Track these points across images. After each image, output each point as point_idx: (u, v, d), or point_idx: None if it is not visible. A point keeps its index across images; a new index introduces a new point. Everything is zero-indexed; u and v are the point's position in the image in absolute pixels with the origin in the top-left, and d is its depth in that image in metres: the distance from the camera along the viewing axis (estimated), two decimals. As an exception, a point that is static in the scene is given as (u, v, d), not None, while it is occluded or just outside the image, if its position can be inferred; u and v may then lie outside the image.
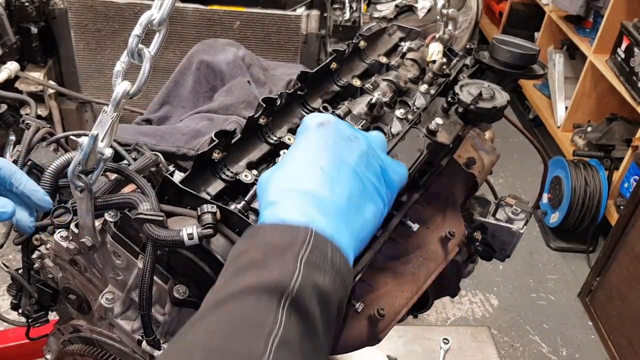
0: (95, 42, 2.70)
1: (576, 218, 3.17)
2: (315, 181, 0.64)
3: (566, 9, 3.77)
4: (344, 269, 0.60)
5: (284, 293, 0.54)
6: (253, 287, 0.55)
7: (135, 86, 0.73)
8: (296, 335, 0.53)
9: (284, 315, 0.53)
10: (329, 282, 0.57)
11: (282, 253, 0.57)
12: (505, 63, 1.20)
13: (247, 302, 0.54)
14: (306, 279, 0.55)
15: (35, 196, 0.82)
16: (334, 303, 0.58)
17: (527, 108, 4.38)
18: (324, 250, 0.58)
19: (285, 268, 0.56)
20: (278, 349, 0.51)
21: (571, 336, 2.79)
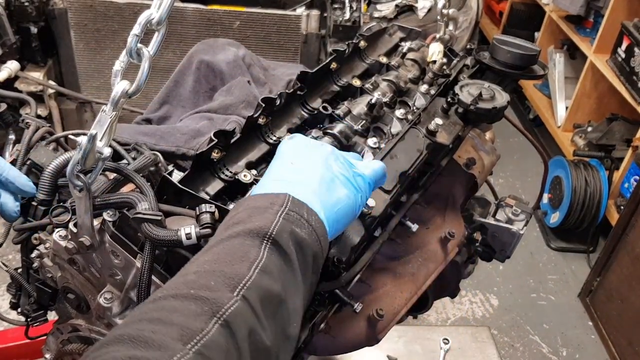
0: (95, 42, 2.70)
1: (576, 218, 3.17)
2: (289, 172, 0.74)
3: (566, 8, 3.76)
4: (318, 228, 0.68)
5: (265, 235, 0.64)
6: (239, 232, 0.65)
7: (134, 86, 0.73)
8: (276, 267, 0.62)
9: (266, 251, 0.63)
10: (305, 234, 0.66)
11: (263, 212, 0.67)
12: (506, 63, 1.20)
13: (235, 242, 0.64)
14: (284, 227, 0.65)
15: (18, 182, 0.86)
16: (309, 251, 0.66)
17: (527, 108, 4.38)
18: (300, 211, 0.68)
19: (266, 220, 0.65)
20: (260, 273, 0.60)
21: (571, 336, 2.79)
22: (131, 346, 0.51)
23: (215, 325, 0.54)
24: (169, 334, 0.52)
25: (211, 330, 0.54)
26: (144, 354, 0.50)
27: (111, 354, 0.51)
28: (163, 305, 0.57)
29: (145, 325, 0.54)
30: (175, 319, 0.54)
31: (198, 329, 0.53)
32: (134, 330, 0.53)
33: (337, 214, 0.72)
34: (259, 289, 0.59)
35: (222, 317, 0.55)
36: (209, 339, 0.53)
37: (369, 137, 1.04)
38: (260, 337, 0.57)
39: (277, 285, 0.61)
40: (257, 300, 0.58)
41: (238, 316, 0.56)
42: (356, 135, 1.02)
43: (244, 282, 0.59)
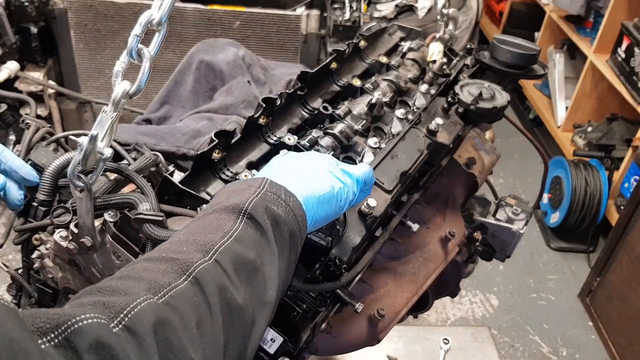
0: (95, 42, 2.69)
1: (576, 218, 3.17)
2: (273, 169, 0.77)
3: (566, 8, 3.76)
4: (296, 208, 0.70)
5: (241, 210, 0.65)
6: (215, 209, 0.67)
7: (135, 86, 0.73)
8: (250, 237, 0.64)
9: (242, 224, 0.64)
10: (281, 212, 0.68)
11: (240, 193, 0.69)
12: (506, 63, 1.20)
13: (211, 217, 0.66)
14: (259, 204, 0.67)
15: (22, 171, 0.88)
16: (285, 227, 0.68)
17: (527, 108, 4.38)
18: (277, 192, 0.69)
19: (242, 198, 0.67)
20: (233, 241, 0.62)
21: (571, 336, 2.79)
22: (99, 294, 0.53)
23: (185, 281, 0.56)
24: (137, 286, 0.54)
25: (179, 285, 0.55)
26: (110, 298, 0.51)
27: (79, 300, 0.52)
28: (135, 267, 0.59)
29: (115, 281, 0.55)
30: (145, 275, 0.56)
31: (166, 283, 0.55)
32: (103, 284, 0.55)
33: (317, 199, 0.74)
34: (231, 254, 0.61)
35: (192, 274, 0.57)
36: (176, 290, 0.54)
37: (369, 137, 1.04)
38: (231, 294, 0.58)
39: (251, 253, 0.62)
40: (230, 264, 0.60)
41: (207, 273, 0.57)
42: (356, 135, 1.02)
43: (216, 247, 0.60)
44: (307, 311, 0.82)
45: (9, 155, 0.88)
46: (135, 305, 0.51)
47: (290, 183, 0.72)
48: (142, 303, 0.51)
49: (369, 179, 0.83)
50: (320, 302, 0.83)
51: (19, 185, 0.90)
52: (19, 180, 0.89)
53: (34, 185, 0.90)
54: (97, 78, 2.79)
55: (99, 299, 0.51)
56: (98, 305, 0.50)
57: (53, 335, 0.46)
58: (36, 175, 0.90)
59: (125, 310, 0.50)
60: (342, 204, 0.77)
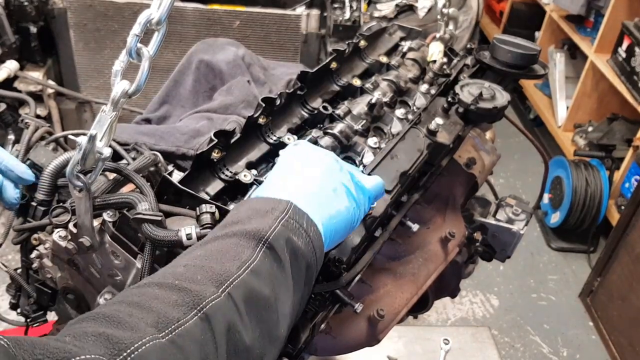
0: (94, 42, 2.69)
1: (577, 218, 3.17)
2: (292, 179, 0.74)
3: (567, 8, 3.76)
4: (316, 240, 0.68)
5: (262, 239, 0.63)
6: (235, 232, 0.64)
7: (134, 85, 0.73)
8: (267, 270, 0.62)
9: (260, 253, 0.62)
10: (301, 244, 0.66)
11: (263, 215, 0.66)
12: (506, 63, 1.20)
13: (230, 241, 0.64)
14: (281, 233, 0.65)
15: (18, 169, 0.88)
16: (303, 261, 0.66)
17: (527, 108, 4.37)
18: (300, 221, 0.67)
19: (265, 224, 0.65)
20: (249, 274, 0.60)
21: (572, 336, 2.79)
22: (104, 324, 0.51)
23: (194, 317, 0.54)
24: (144, 319, 0.52)
25: (188, 321, 0.54)
26: (114, 332, 0.50)
27: (83, 328, 0.51)
28: (145, 291, 0.57)
29: (124, 308, 0.54)
30: (155, 306, 0.54)
31: (175, 318, 0.53)
32: (110, 311, 0.53)
33: (335, 225, 0.72)
34: (245, 289, 0.59)
35: (202, 310, 0.55)
36: (184, 328, 0.53)
37: (369, 137, 1.04)
38: (240, 335, 0.57)
39: (266, 288, 0.60)
40: (242, 299, 0.58)
41: (218, 310, 0.56)
42: (356, 135, 1.02)
43: (231, 280, 0.59)
44: (307, 311, 0.82)
45: (4, 155, 0.88)
46: (140, 345, 0.49)
47: (312, 208, 0.70)
48: (147, 343, 0.50)
49: (379, 193, 0.82)
50: (319, 302, 0.83)
51: (15, 185, 0.90)
52: (15, 179, 0.89)
53: (29, 184, 0.90)
54: (97, 78, 2.79)
55: (104, 330, 0.50)
56: (101, 338, 0.49)
57: None
58: (32, 174, 0.90)
59: (129, 348, 0.49)
60: (354, 225, 0.76)
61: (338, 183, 0.75)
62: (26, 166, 0.90)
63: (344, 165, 0.79)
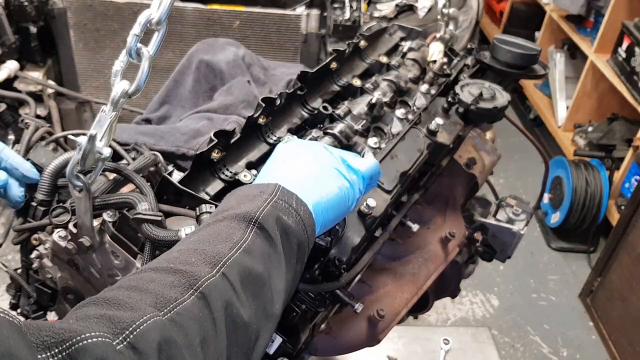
0: (94, 42, 2.69)
1: (577, 218, 3.16)
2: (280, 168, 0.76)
3: (567, 8, 3.76)
4: (306, 218, 0.69)
5: (251, 220, 0.65)
6: (225, 216, 0.66)
7: (134, 85, 0.73)
8: (259, 249, 0.63)
9: (251, 234, 0.64)
10: (291, 222, 0.67)
11: (252, 199, 0.68)
12: (506, 63, 1.20)
13: (221, 225, 0.65)
14: (270, 213, 0.66)
15: (22, 167, 0.89)
16: (294, 239, 0.67)
17: (527, 108, 4.37)
18: (289, 201, 0.69)
19: (254, 206, 0.66)
20: (242, 253, 0.61)
21: (572, 337, 2.78)
22: (105, 307, 0.52)
23: (191, 296, 0.55)
24: (143, 300, 0.53)
25: (186, 300, 0.55)
26: (115, 313, 0.51)
27: (85, 312, 0.52)
28: (142, 276, 0.58)
29: (122, 292, 0.55)
30: (152, 288, 0.55)
31: (173, 298, 0.54)
32: (110, 295, 0.54)
33: (327, 203, 0.73)
34: (239, 267, 0.60)
35: (199, 289, 0.56)
36: (182, 307, 0.54)
37: (369, 137, 1.04)
38: (237, 310, 0.58)
39: (259, 266, 0.62)
40: (237, 277, 0.59)
41: (214, 289, 0.57)
42: (356, 135, 1.02)
43: (225, 259, 0.60)
44: (307, 311, 0.82)
45: (9, 153, 0.89)
46: (142, 322, 0.50)
47: (300, 189, 0.71)
48: (148, 321, 0.51)
49: (374, 174, 0.83)
50: (319, 302, 0.83)
51: (19, 183, 0.90)
52: (20, 177, 0.90)
53: (34, 182, 0.91)
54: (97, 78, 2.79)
55: (105, 312, 0.51)
56: (104, 319, 0.50)
57: (57, 350, 0.45)
58: (36, 172, 0.91)
59: (131, 327, 0.50)
60: (350, 204, 0.77)
61: (328, 166, 0.76)
62: (31, 164, 0.91)
63: (333, 151, 0.80)
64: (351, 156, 0.82)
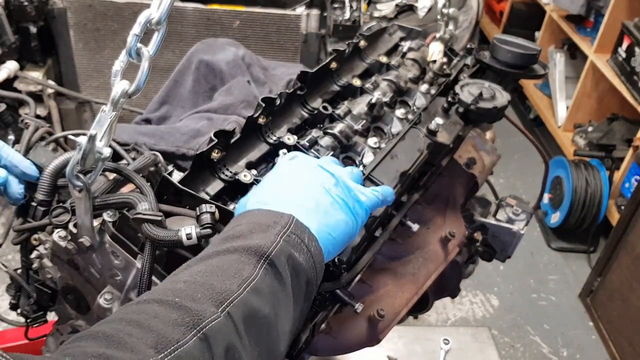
0: (94, 42, 2.69)
1: (577, 218, 3.17)
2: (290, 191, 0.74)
3: (567, 8, 3.76)
4: (317, 255, 0.68)
5: (263, 255, 0.63)
6: (237, 248, 0.64)
7: (134, 85, 0.73)
8: (268, 288, 0.62)
9: (261, 270, 0.62)
10: (302, 260, 0.66)
11: (265, 230, 0.66)
12: (506, 63, 1.20)
13: (231, 257, 0.63)
14: (282, 249, 0.64)
15: (22, 165, 0.90)
16: (304, 278, 0.66)
17: (527, 108, 4.37)
18: (301, 235, 0.67)
19: (267, 239, 0.65)
20: (250, 292, 0.60)
21: (572, 337, 2.78)
22: (104, 344, 0.51)
23: (194, 337, 0.54)
24: (144, 339, 0.52)
25: (188, 342, 0.53)
26: (115, 353, 0.50)
27: (83, 348, 0.51)
28: (145, 309, 0.56)
29: (123, 326, 0.54)
30: (154, 325, 0.54)
31: (174, 339, 0.53)
32: (110, 329, 0.53)
33: (335, 239, 0.72)
34: (245, 308, 0.58)
35: (202, 331, 0.55)
36: (183, 350, 0.53)
37: (369, 136, 1.04)
38: (239, 355, 0.56)
39: (266, 307, 0.60)
40: (241, 319, 0.58)
41: (218, 332, 0.55)
42: (356, 135, 1.02)
43: (231, 299, 0.58)
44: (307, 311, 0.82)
45: (8, 151, 0.89)
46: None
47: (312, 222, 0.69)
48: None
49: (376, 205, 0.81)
50: (319, 302, 0.83)
51: (19, 180, 0.91)
52: (20, 175, 0.90)
53: (34, 179, 0.91)
54: (97, 78, 2.79)
55: (104, 351, 0.50)
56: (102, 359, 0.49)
57: None
58: (36, 170, 0.91)
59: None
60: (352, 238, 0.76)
61: (335, 197, 0.75)
62: (30, 162, 0.91)
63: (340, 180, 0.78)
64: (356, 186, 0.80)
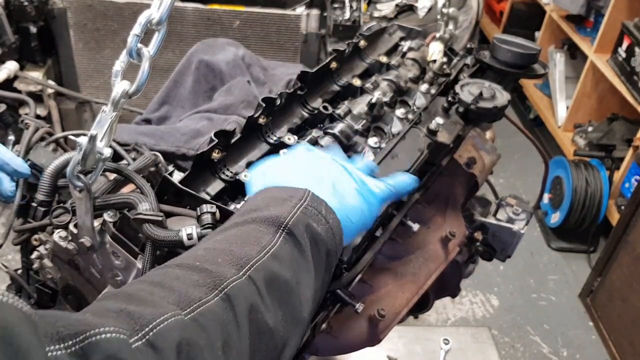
0: (94, 42, 2.69)
1: (577, 218, 3.17)
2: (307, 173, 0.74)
3: (567, 8, 3.76)
4: (335, 227, 0.68)
5: (281, 225, 0.63)
6: (254, 218, 0.64)
7: (134, 86, 0.73)
8: (288, 255, 0.62)
9: (280, 239, 0.62)
10: (321, 229, 0.66)
11: (281, 202, 0.66)
12: (506, 63, 1.20)
13: (249, 227, 0.63)
14: (300, 219, 0.64)
15: (14, 163, 0.89)
16: (323, 247, 0.66)
17: (527, 108, 4.37)
18: (318, 207, 0.67)
19: (284, 210, 0.65)
20: (270, 258, 0.60)
21: (572, 337, 2.78)
22: (126, 301, 0.51)
23: (216, 297, 0.54)
24: (166, 298, 0.52)
25: (210, 301, 0.53)
26: (137, 308, 0.50)
27: (105, 305, 0.51)
28: (167, 272, 0.57)
29: (145, 286, 0.54)
30: (176, 285, 0.54)
31: (196, 297, 0.53)
32: (132, 289, 0.53)
33: (353, 224, 0.72)
34: (266, 272, 0.59)
35: (224, 291, 0.55)
36: (206, 307, 0.53)
37: (369, 136, 1.04)
38: (262, 316, 0.56)
39: (287, 272, 0.60)
40: (263, 282, 0.58)
41: (239, 291, 0.56)
42: (357, 135, 1.02)
43: (252, 262, 0.59)
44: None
45: (0, 149, 0.89)
46: (162, 320, 0.49)
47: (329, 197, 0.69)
48: (170, 319, 0.49)
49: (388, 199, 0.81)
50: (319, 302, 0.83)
51: (10, 178, 0.91)
52: (11, 172, 0.90)
53: (26, 177, 0.91)
54: (97, 78, 2.79)
55: (126, 306, 0.50)
56: (123, 314, 0.49)
57: (71, 343, 0.44)
58: (27, 167, 0.91)
59: (151, 324, 0.48)
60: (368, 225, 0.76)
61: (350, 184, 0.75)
62: (22, 160, 0.91)
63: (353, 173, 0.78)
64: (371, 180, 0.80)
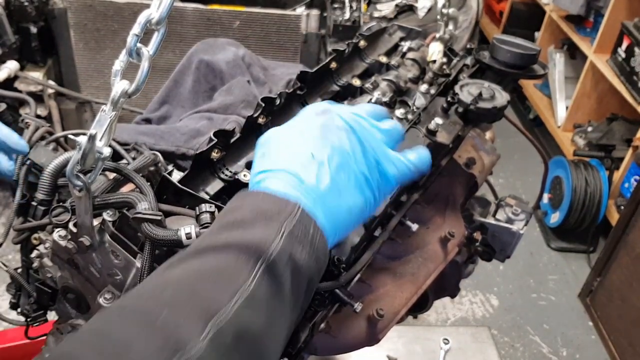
0: (94, 42, 2.70)
1: (577, 218, 3.17)
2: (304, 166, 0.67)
3: (567, 8, 3.76)
4: (321, 248, 0.64)
5: (262, 256, 0.58)
6: (235, 243, 0.59)
7: (134, 85, 0.73)
8: (264, 295, 0.57)
9: (257, 275, 0.57)
10: (305, 257, 0.61)
11: (268, 219, 0.61)
12: (506, 63, 1.20)
13: (227, 256, 0.58)
14: (285, 249, 0.59)
15: (10, 140, 0.88)
16: (305, 277, 0.62)
17: (527, 108, 4.37)
18: (307, 227, 0.62)
19: (269, 234, 0.60)
20: (242, 306, 0.54)
21: (571, 336, 2.79)
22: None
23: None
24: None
25: None
26: None
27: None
28: (118, 335, 0.51)
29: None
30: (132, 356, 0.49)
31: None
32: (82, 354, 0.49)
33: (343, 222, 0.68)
34: (236, 327, 0.54)
35: None
36: None
37: (369, 136, 1.04)
38: None
39: (260, 318, 0.56)
40: (231, 338, 0.53)
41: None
42: (356, 135, 1.02)
43: (220, 314, 0.53)
44: (306, 311, 0.82)
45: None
46: None
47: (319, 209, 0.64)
48: None
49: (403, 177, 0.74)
50: (319, 301, 0.83)
51: (8, 156, 0.90)
52: (7, 150, 0.89)
53: (23, 154, 0.90)
54: (97, 78, 2.80)
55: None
56: None
57: None
58: (25, 144, 0.90)
59: None
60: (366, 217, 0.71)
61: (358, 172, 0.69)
62: (19, 136, 0.90)
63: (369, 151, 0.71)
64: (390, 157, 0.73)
